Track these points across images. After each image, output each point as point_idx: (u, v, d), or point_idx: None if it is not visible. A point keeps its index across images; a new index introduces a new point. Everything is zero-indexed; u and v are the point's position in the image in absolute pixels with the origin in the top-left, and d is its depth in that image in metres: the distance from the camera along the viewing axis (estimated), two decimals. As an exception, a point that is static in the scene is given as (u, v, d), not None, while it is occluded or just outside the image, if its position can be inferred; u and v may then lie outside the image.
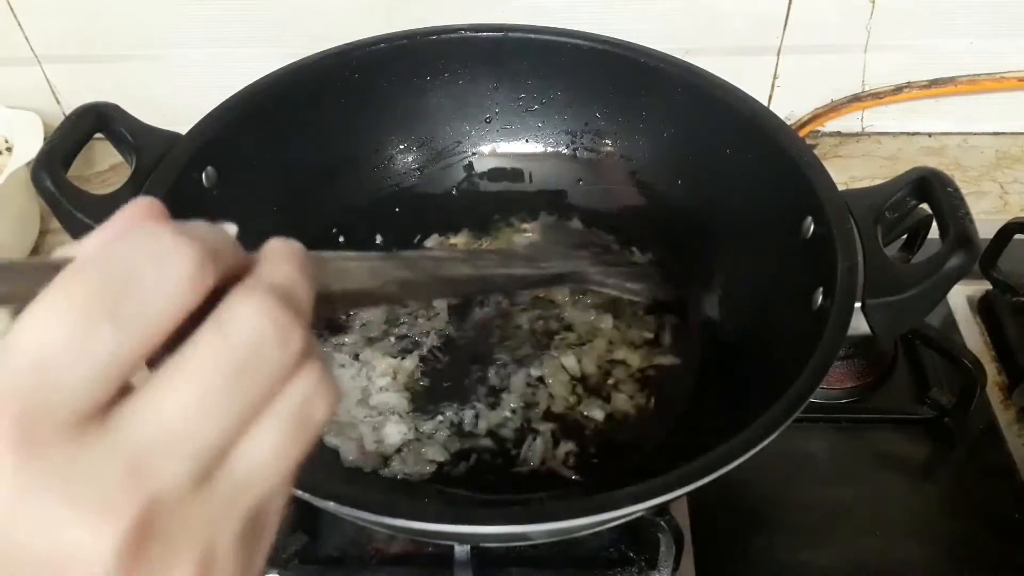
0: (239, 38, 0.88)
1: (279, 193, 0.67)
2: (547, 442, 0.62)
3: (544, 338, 0.67)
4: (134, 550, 0.20)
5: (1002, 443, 0.67)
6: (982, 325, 0.76)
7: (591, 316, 0.69)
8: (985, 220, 0.56)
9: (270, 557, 0.60)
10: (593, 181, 0.76)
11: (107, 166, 0.92)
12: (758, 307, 0.62)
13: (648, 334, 0.68)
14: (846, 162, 0.92)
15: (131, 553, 0.20)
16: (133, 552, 0.20)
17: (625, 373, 0.66)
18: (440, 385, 0.65)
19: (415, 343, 0.67)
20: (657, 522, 0.56)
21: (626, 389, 0.65)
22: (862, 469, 0.66)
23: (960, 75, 0.89)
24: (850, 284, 0.50)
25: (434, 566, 0.59)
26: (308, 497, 0.43)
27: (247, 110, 0.63)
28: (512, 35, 0.70)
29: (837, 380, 0.70)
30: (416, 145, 0.76)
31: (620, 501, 0.42)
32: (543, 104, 0.75)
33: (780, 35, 0.87)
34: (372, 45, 0.68)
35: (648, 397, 0.64)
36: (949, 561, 0.61)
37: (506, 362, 0.66)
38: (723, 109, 0.64)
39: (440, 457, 0.61)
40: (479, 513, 0.43)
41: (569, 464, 0.61)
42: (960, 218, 0.50)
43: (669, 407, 0.64)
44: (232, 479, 0.22)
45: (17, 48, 0.90)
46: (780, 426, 0.44)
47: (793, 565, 0.61)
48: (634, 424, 0.63)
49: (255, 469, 0.23)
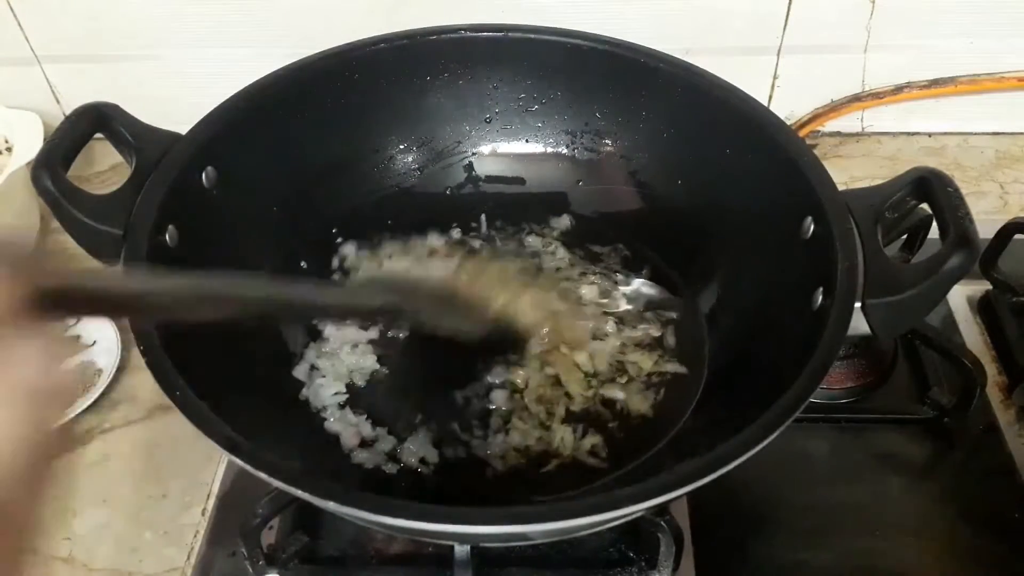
0: (239, 38, 0.88)
1: (279, 193, 0.67)
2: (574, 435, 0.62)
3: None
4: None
5: (1002, 443, 0.67)
6: (982, 325, 0.76)
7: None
8: (985, 220, 0.56)
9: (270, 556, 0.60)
10: (593, 181, 0.76)
11: (107, 166, 0.92)
12: (758, 307, 0.62)
13: (655, 333, 0.68)
14: (846, 162, 0.92)
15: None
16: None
17: (634, 371, 0.66)
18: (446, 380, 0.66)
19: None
20: (657, 522, 0.56)
21: (632, 388, 0.65)
22: (862, 469, 0.66)
23: (960, 75, 0.89)
24: (850, 284, 0.50)
25: (434, 566, 0.60)
26: (308, 497, 0.43)
27: (247, 110, 0.63)
28: (512, 35, 0.70)
29: (837, 380, 0.70)
30: (416, 145, 0.75)
31: (620, 501, 0.42)
32: (543, 104, 0.75)
33: (780, 35, 0.87)
34: (372, 45, 0.68)
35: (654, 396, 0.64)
36: (949, 561, 0.61)
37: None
38: (723, 109, 0.64)
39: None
40: (479, 513, 0.43)
41: (598, 455, 0.61)
42: (960, 218, 0.50)
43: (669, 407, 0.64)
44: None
45: (17, 48, 0.90)
46: (780, 426, 0.44)
47: (793, 565, 0.61)
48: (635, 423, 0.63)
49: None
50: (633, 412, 0.64)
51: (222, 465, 0.68)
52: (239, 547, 0.59)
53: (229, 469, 0.67)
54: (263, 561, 0.59)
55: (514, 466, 0.61)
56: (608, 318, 0.69)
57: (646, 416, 0.63)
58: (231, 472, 0.67)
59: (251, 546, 0.58)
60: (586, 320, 0.69)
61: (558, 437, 0.62)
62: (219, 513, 0.65)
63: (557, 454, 0.61)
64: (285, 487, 0.43)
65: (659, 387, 0.65)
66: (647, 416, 0.63)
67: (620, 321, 0.69)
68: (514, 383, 0.65)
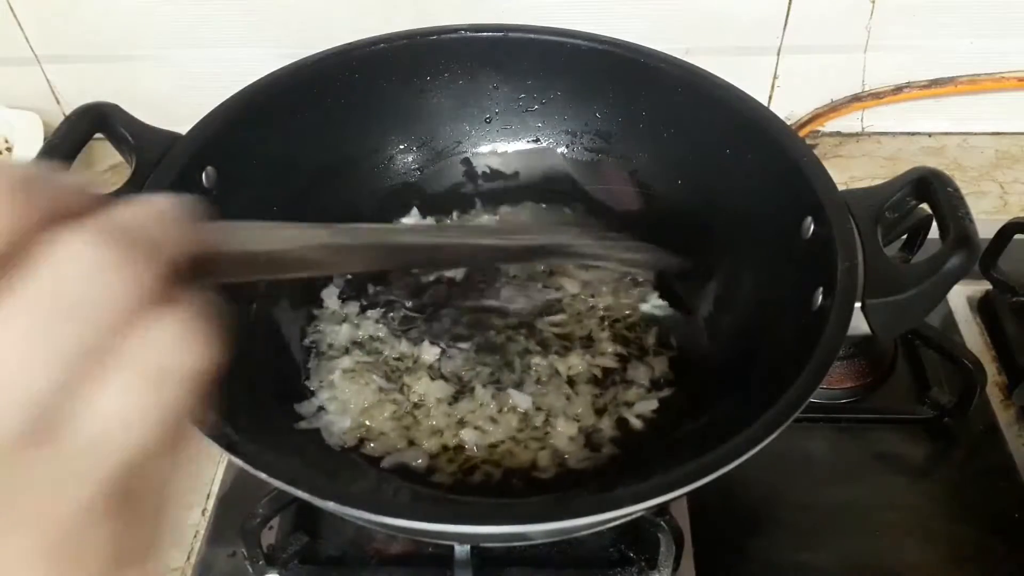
0: (239, 38, 0.88)
1: (279, 193, 0.67)
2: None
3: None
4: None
5: (1002, 443, 0.67)
6: (982, 325, 0.76)
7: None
8: (985, 220, 0.56)
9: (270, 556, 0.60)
10: (593, 181, 0.76)
11: (107, 166, 0.92)
12: (758, 307, 0.62)
13: (654, 332, 0.68)
14: (846, 162, 0.92)
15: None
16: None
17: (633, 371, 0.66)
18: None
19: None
20: (657, 522, 0.56)
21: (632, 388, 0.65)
22: (862, 469, 0.66)
23: (960, 75, 0.89)
24: (850, 284, 0.50)
25: (434, 566, 0.59)
26: (308, 497, 0.43)
27: (247, 110, 0.63)
28: (512, 35, 0.70)
29: (837, 380, 0.70)
30: (416, 145, 0.75)
31: (620, 501, 0.42)
32: (543, 104, 0.75)
33: (780, 35, 0.87)
34: (372, 45, 0.68)
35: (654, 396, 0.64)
36: (949, 561, 0.61)
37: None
38: (723, 109, 0.64)
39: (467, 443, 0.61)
40: (479, 513, 0.43)
41: (597, 455, 0.61)
42: (960, 218, 0.50)
43: (669, 407, 0.64)
44: (79, 437, 0.20)
45: (17, 48, 0.90)
46: (780, 426, 0.44)
47: (793, 565, 0.61)
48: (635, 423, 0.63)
49: (107, 427, 0.20)
50: (633, 412, 0.63)
51: (222, 465, 0.68)
52: (239, 547, 0.59)
53: (229, 469, 0.67)
54: (263, 561, 0.59)
55: (514, 466, 0.61)
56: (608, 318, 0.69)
57: (646, 416, 0.63)
58: (231, 472, 0.67)
59: (251, 546, 0.58)
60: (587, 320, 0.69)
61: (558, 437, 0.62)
62: (219, 513, 0.65)
63: (557, 454, 0.61)
64: (285, 487, 0.43)
65: (659, 387, 0.65)
66: (647, 416, 0.63)
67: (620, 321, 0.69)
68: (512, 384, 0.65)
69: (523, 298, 0.69)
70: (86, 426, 0.20)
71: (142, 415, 0.21)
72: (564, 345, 0.67)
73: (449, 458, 0.61)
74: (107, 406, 0.20)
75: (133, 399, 0.21)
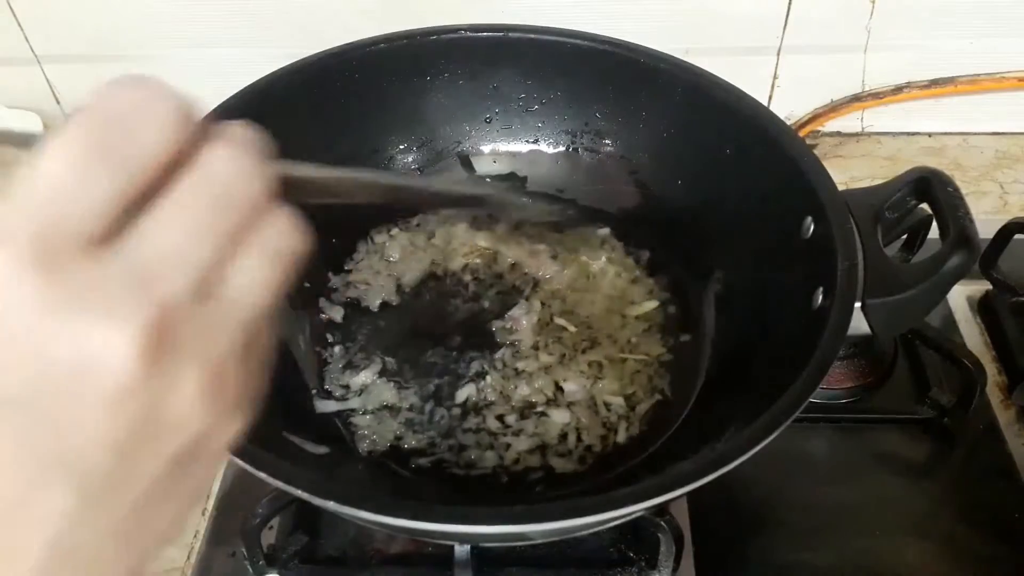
0: (239, 38, 0.88)
1: (279, 193, 0.67)
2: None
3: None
4: (151, 352, 0.23)
5: (1002, 443, 0.67)
6: (982, 325, 0.76)
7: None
8: (985, 220, 0.56)
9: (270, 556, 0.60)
10: (593, 181, 0.76)
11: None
12: (758, 307, 0.62)
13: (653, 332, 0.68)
14: (846, 162, 0.92)
15: (149, 355, 0.23)
16: (151, 354, 0.23)
17: (633, 371, 0.66)
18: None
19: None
20: (657, 522, 0.56)
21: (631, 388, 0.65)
22: (862, 469, 0.66)
23: (960, 75, 0.89)
24: (850, 284, 0.50)
25: (434, 566, 0.59)
26: (308, 497, 0.43)
27: (247, 110, 0.63)
28: (512, 35, 0.70)
29: (837, 380, 0.69)
30: (416, 145, 0.75)
31: (620, 501, 0.42)
32: (543, 104, 0.75)
33: (780, 35, 0.87)
34: (372, 45, 0.68)
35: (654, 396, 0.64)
36: (949, 561, 0.61)
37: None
38: (723, 109, 0.64)
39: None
40: (479, 513, 0.43)
41: (597, 455, 0.61)
42: (960, 218, 0.50)
43: (668, 407, 0.64)
44: (228, 295, 0.26)
45: (17, 48, 0.89)
46: (780, 426, 0.44)
47: (793, 565, 0.61)
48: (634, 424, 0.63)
49: (245, 287, 0.26)
50: (633, 412, 0.63)
51: (222, 465, 0.68)
52: (239, 547, 0.59)
53: (229, 469, 0.67)
54: (263, 561, 0.59)
55: (514, 466, 0.61)
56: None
57: (646, 416, 0.63)
58: (231, 472, 0.67)
59: (251, 546, 0.58)
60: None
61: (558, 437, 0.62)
62: (219, 513, 0.65)
63: (557, 454, 0.61)
64: (285, 487, 0.43)
65: (659, 387, 0.65)
66: (647, 416, 0.63)
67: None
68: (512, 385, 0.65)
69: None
70: (231, 288, 0.26)
71: (265, 283, 0.27)
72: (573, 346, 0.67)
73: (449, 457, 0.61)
74: (245, 271, 0.26)
75: (260, 271, 0.27)
